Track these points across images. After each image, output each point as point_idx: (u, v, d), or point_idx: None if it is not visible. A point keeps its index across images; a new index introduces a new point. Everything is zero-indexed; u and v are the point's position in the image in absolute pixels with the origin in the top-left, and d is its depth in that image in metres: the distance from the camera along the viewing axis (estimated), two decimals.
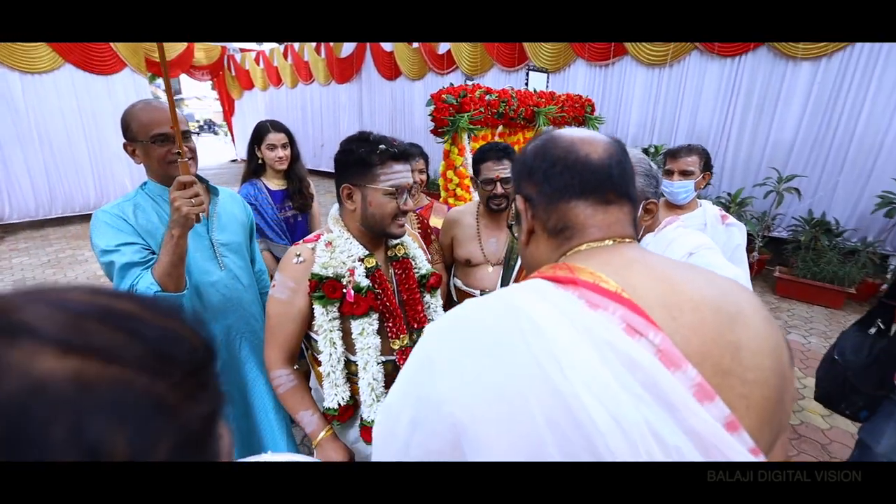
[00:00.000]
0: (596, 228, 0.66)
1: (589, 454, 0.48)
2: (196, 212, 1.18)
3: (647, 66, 5.85)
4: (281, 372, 1.23)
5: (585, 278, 0.59)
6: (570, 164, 0.67)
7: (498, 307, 0.60)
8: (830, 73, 4.65)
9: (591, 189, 0.66)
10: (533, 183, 0.71)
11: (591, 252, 0.65)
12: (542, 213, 0.70)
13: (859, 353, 1.42)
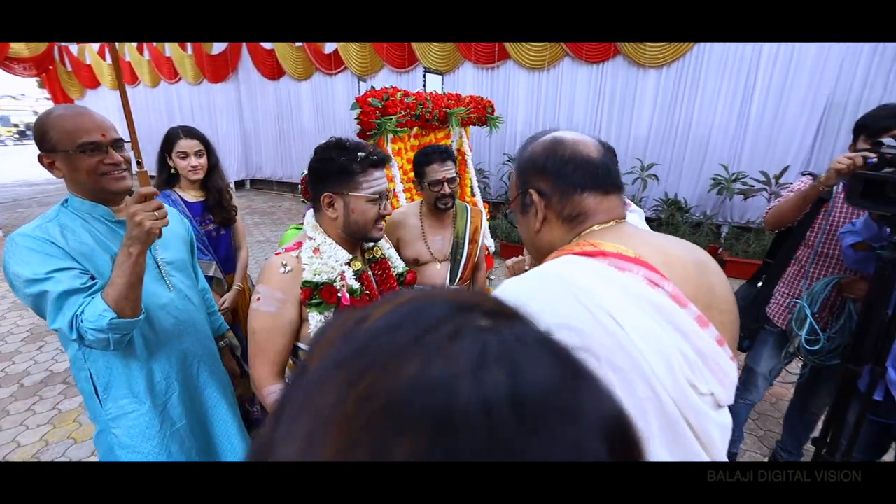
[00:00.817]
0: (603, 213, 0.81)
1: (643, 382, 0.63)
2: (160, 226, 1.09)
3: (529, 69, 6.43)
4: (274, 388, 1.19)
5: (610, 250, 0.74)
6: (579, 162, 0.82)
7: (545, 279, 0.72)
8: (670, 79, 5.64)
9: (597, 182, 0.81)
10: (546, 179, 0.84)
11: (602, 231, 0.80)
12: (557, 203, 0.83)
13: (746, 300, 1.83)
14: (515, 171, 0.91)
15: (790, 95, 5.07)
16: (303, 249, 1.21)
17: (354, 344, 0.23)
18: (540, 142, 0.88)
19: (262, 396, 1.20)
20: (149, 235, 1.07)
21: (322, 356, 0.24)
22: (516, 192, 0.91)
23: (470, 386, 0.19)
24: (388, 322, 0.24)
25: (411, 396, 0.19)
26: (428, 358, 0.21)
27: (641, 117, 5.95)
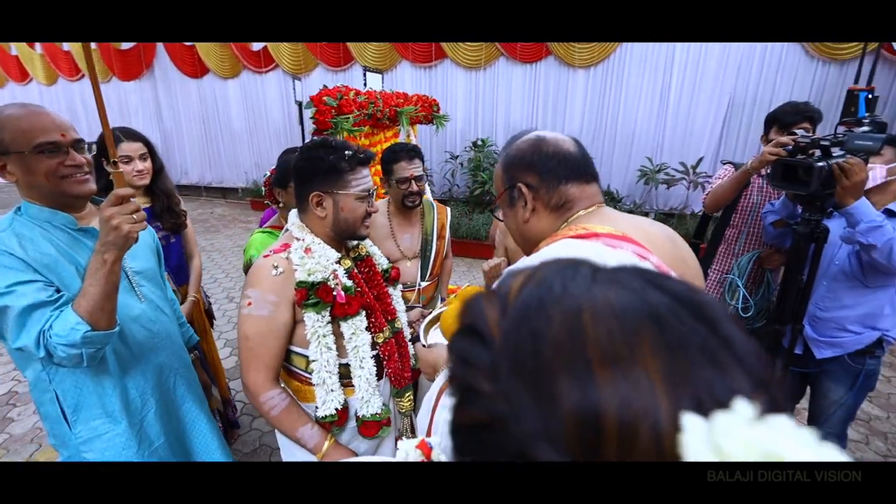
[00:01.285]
0: (586, 200, 0.91)
1: None
2: (138, 230, 1.03)
3: (466, 68, 6.58)
4: (272, 393, 1.17)
5: (600, 230, 0.83)
6: (562, 157, 0.91)
7: None
8: (598, 78, 6.06)
9: (579, 173, 0.91)
10: (533, 173, 0.92)
11: (588, 216, 0.89)
12: (545, 194, 0.91)
13: None
14: (501, 168, 0.98)
15: (699, 94, 5.65)
16: (292, 250, 1.19)
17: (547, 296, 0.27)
18: (524, 140, 0.95)
19: (258, 404, 1.17)
20: (126, 240, 1.01)
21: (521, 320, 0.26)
22: (503, 187, 0.98)
23: (651, 296, 0.24)
24: (554, 277, 0.28)
25: (628, 315, 0.23)
26: (615, 290, 0.25)
27: (573, 114, 6.32)
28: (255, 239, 1.80)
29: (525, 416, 0.23)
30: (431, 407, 1.02)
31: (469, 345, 0.28)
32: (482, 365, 0.26)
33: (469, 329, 0.29)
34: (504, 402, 0.24)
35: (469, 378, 0.26)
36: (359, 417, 1.28)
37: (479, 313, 0.29)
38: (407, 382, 1.42)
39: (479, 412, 0.25)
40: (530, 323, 0.25)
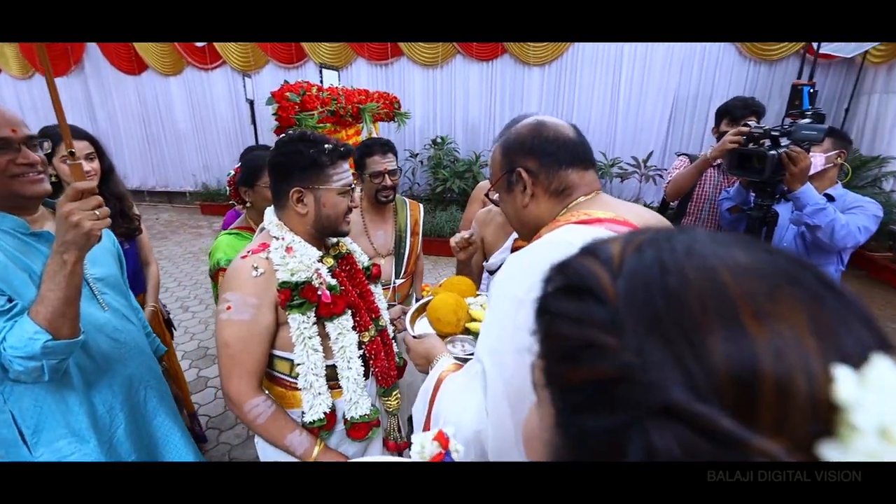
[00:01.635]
0: (585, 186, 0.93)
1: None
2: (102, 227, 0.95)
3: (423, 66, 6.56)
4: (256, 401, 1.11)
5: (602, 216, 0.85)
6: (562, 142, 0.92)
7: (557, 247, 0.81)
8: (552, 76, 6.22)
9: (578, 159, 0.92)
10: (533, 158, 0.92)
11: (588, 202, 0.91)
12: (545, 179, 0.92)
13: None
14: (500, 152, 0.98)
15: (647, 91, 5.94)
16: (271, 250, 1.14)
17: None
18: (523, 125, 0.96)
19: (242, 413, 1.11)
20: (89, 238, 0.93)
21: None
22: (501, 172, 0.98)
23: (777, 257, 0.26)
24: (671, 239, 0.29)
25: (765, 273, 0.24)
26: (739, 251, 0.26)
27: (530, 111, 6.41)
28: (222, 241, 1.71)
29: (662, 368, 0.23)
30: (428, 399, 1.01)
31: (578, 304, 0.28)
32: (600, 322, 0.26)
33: (571, 289, 0.29)
34: (635, 355, 0.24)
35: (587, 335, 0.26)
36: (347, 420, 1.24)
37: (586, 273, 0.29)
38: (393, 381, 1.40)
39: (607, 366, 0.25)
40: (661, 282, 0.25)
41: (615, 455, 0.24)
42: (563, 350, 0.28)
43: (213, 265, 1.68)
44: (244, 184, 1.72)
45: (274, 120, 2.34)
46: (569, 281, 0.30)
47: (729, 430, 0.21)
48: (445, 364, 1.05)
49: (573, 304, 0.28)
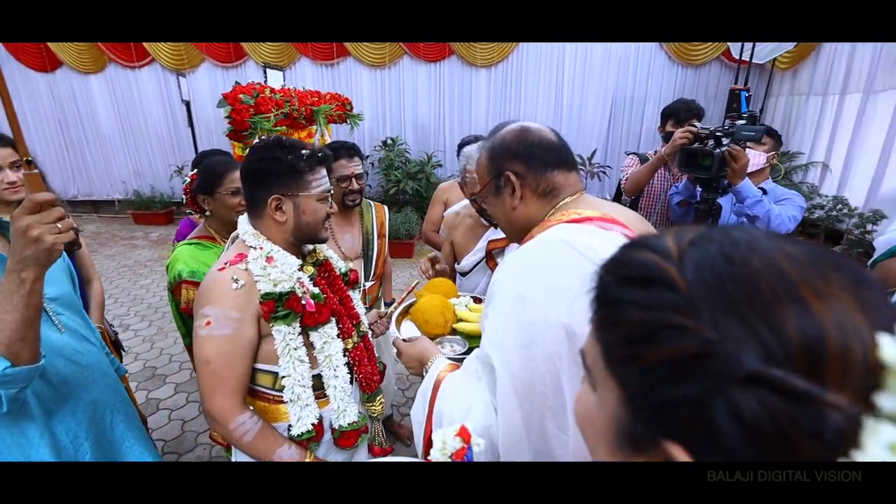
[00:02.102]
0: (570, 187, 0.98)
1: None
2: (64, 241, 0.88)
3: (370, 66, 6.48)
4: (242, 418, 1.07)
5: (591, 215, 0.91)
6: (546, 145, 0.96)
7: (553, 245, 0.85)
8: (499, 77, 6.37)
9: (562, 161, 0.97)
10: (520, 161, 0.96)
11: (574, 202, 0.96)
12: (532, 181, 0.96)
13: None
14: (486, 158, 1.00)
15: (588, 92, 6.25)
16: (249, 261, 1.10)
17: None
18: (508, 130, 0.99)
19: (227, 432, 1.06)
20: (50, 254, 0.85)
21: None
22: (488, 177, 1.01)
23: (815, 247, 0.30)
24: (731, 234, 0.32)
25: (813, 260, 0.29)
26: (786, 244, 0.31)
27: (479, 111, 6.58)
28: (182, 252, 1.61)
29: (741, 342, 0.26)
30: (428, 400, 1.02)
31: (648, 292, 0.31)
32: (675, 306, 0.29)
33: (637, 279, 0.33)
34: (714, 333, 0.27)
35: (664, 318, 0.29)
36: (335, 429, 1.22)
37: (651, 265, 0.32)
38: (377, 386, 1.39)
39: (689, 344, 0.28)
40: (730, 270, 0.29)
41: (699, 419, 0.28)
42: (637, 334, 0.31)
43: (174, 278, 1.58)
44: (203, 191, 1.63)
45: (227, 123, 2.23)
46: (633, 272, 0.33)
47: (805, 388, 0.25)
48: (441, 365, 1.06)
49: (642, 292, 0.32)
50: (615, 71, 6.11)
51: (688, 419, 0.28)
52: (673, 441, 0.29)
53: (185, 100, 5.84)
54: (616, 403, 0.35)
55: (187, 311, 1.58)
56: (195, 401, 2.85)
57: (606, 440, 0.36)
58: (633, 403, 0.33)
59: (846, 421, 0.24)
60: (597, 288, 0.38)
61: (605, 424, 0.36)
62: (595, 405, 0.38)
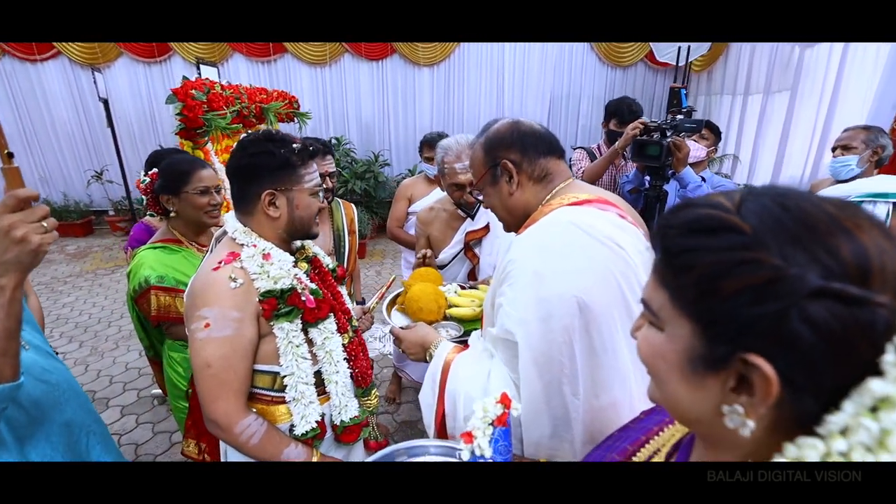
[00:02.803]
0: (562, 173, 1.06)
1: (635, 282, 0.90)
2: (50, 241, 0.81)
3: (310, 64, 6.29)
4: (248, 421, 1.03)
5: (588, 198, 0.99)
6: (537, 135, 1.04)
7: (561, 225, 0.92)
8: (441, 76, 6.45)
9: (552, 149, 1.05)
10: (515, 150, 1.02)
11: (567, 187, 1.04)
12: (528, 167, 1.03)
13: None
14: (482, 151, 1.06)
15: (527, 91, 6.51)
16: (244, 259, 1.06)
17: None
18: (501, 124, 1.06)
19: (233, 437, 1.02)
20: (36, 256, 0.78)
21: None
22: (484, 168, 1.06)
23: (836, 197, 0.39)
24: (777, 189, 0.40)
25: (844, 203, 0.37)
26: (816, 194, 0.39)
27: (423, 110, 6.62)
28: (146, 257, 1.50)
29: (806, 266, 0.34)
30: (438, 382, 1.06)
31: (718, 238, 0.38)
32: (745, 245, 0.36)
33: (705, 229, 0.39)
34: (783, 261, 0.34)
35: (738, 256, 0.36)
36: (336, 425, 1.22)
37: (717, 217, 0.39)
38: (371, 380, 1.40)
39: (764, 272, 0.35)
40: (787, 213, 0.37)
41: (778, 330, 0.34)
42: (715, 272, 0.38)
43: (139, 284, 1.47)
44: (167, 191, 1.53)
45: (178, 121, 2.09)
46: (700, 225, 0.40)
47: (860, 294, 0.33)
48: (447, 347, 1.10)
49: (713, 239, 0.38)
50: (552, 70, 6.43)
51: (769, 331, 0.35)
52: (753, 352, 0.36)
53: (102, 98, 5.33)
54: (689, 336, 0.41)
55: (161, 318, 1.49)
56: (146, 422, 2.65)
57: (679, 369, 0.42)
58: (709, 331, 0.39)
59: (890, 315, 0.32)
60: (662, 244, 0.43)
61: (676, 356, 0.42)
62: (665, 342, 0.44)
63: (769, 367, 0.35)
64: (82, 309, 4.13)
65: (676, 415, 0.48)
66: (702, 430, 0.46)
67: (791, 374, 0.35)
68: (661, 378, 0.45)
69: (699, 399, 0.42)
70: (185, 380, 1.59)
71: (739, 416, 0.38)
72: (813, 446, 0.35)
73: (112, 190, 6.53)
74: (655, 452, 0.61)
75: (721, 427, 0.40)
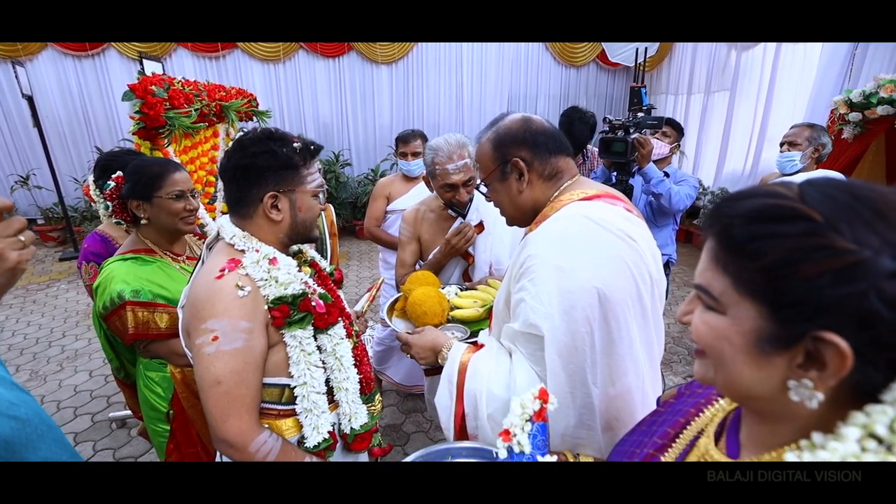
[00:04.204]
0: (570, 170, 1.07)
1: (646, 272, 0.93)
2: (28, 257, 0.73)
3: (262, 60, 6.02)
4: (263, 437, 0.97)
5: (597, 192, 1.01)
6: (548, 133, 1.04)
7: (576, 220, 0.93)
8: (400, 74, 6.39)
9: (562, 147, 1.06)
10: (527, 148, 1.02)
11: (575, 184, 1.05)
12: (538, 166, 1.03)
13: None
14: (491, 147, 1.05)
15: (486, 89, 6.58)
16: (247, 265, 0.99)
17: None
18: (511, 120, 1.05)
19: (248, 455, 0.95)
20: (13, 275, 0.70)
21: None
22: (493, 165, 1.05)
23: None
24: (833, 180, 0.42)
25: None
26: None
27: (382, 108, 6.52)
28: (116, 271, 1.37)
29: (881, 249, 0.36)
30: (455, 383, 1.04)
31: (790, 225, 0.40)
32: (817, 231, 0.38)
33: (774, 217, 0.41)
34: (858, 245, 0.36)
35: (813, 241, 0.38)
36: (347, 434, 1.17)
37: (785, 206, 0.41)
38: (374, 385, 1.36)
39: (842, 256, 0.37)
40: (858, 201, 0.39)
41: (857, 309, 0.36)
42: (790, 258, 0.39)
43: (110, 300, 1.34)
44: (138, 196, 1.40)
45: (136, 120, 1.93)
46: (769, 213, 0.42)
47: None
48: (461, 349, 1.09)
49: (784, 226, 0.40)
50: (509, 69, 6.54)
51: (847, 310, 0.37)
52: (828, 330, 0.37)
53: (26, 94, 4.85)
54: (755, 318, 0.42)
55: (139, 335, 1.36)
56: (106, 448, 2.43)
57: (745, 350, 0.44)
58: (781, 313, 0.40)
59: None
60: (725, 233, 0.45)
61: (742, 338, 0.44)
62: (729, 325, 0.45)
63: (845, 344, 0.36)
64: (15, 329, 3.73)
65: (735, 393, 0.49)
66: (761, 405, 0.47)
67: (863, 349, 0.37)
68: (723, 359, 0.46)
69: (764, 377, 0.43)
70: (166, 401, 1.47)
71: (808, 389, 0.39)
72: (882, 412, 0.37)
73: (41, 196, 5.93)
74: (700, 433, 0.62)
75: (783, 401, 0.42)
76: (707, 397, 0.66)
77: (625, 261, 0.90)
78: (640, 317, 0.92)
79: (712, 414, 0.63)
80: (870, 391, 0.38)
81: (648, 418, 0.75)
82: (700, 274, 0.48)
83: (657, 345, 0.99)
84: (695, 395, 0.71)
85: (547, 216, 1.00)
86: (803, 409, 0.40)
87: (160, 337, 1.39)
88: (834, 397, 0.40)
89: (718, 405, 0.63)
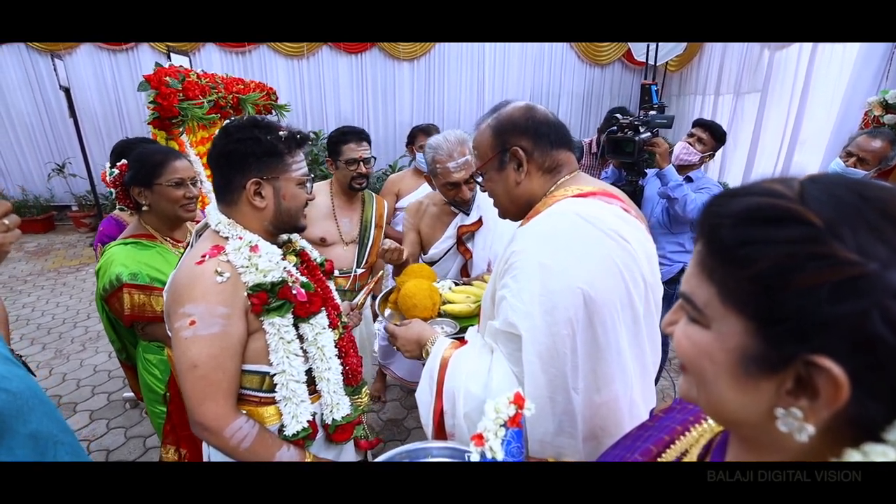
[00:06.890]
0: (569, 165, 1.02)
1: (638, 275, 0.89)
2: (13, 240, 0.75)
3: (287, 56, 6.13)
4: (239, 422, 0.98)
5: (593, 190, 0.97)
6: (551, 124, 1.00)
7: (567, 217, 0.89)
8: (422, 71, 6.39)
9: (564, 140, 1.01)
10: (528, 138, 0.98)
11: (572, 179, 1.01)
12: (539, 157, 0.99)
13: None
14: (491, 133, 1.00)
15: (508, 86, 6.53)
16: (229, 252, 1.00)
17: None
18: (514, 107, 1.01)
19: (223, 441, 0.96)
20: None
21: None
22: (492, 152, 1.01)
23: None
24: (832, 177, 0.38)
25: None
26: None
27: (403, 104, 6.55)
28: (117, 254, 1.41)
29: (887, 262, 0.31)
30: (435, 379, 1.02)
31: (785, 229, 0.34)
32: (815, 238, 0.33)
33: (769, 219, 0.35)
34: (861, 256, 0.31)
35: (809, 249, 0.33)
36: (328, 424, 1.17)
37: (780, 206, 0.35)
38: (361, 377, 1.36)
39: (840, 268, 0.31)
40: (866, 204, 0.33)
41: (857, 330, 0.31)
42: (781, 267, 0.34)
43: (109, 282, 1.38)
44: (139, 183, 1.44)
45: (151, 109, 1.98)
46: (761, 214, 0.36)
47: None
48: (444, 344, 1.07)
49: (778, 230, 0.35)
50: (532, 67, 6.46)
51: (844, 332, 0.31)
52: (821, 354, 0.32)
53: (63, 86, 5.05)
54: (741, 334, 0.37)
55: (135, 318, 1.40)
56: (118, 427, 2.52)
57: (728, 370, 0.39)
58: (770, 330, 0.35)
59: None
60: (712, 235, 0.39)
61: (726, 356, 0.38)
62: (712, 340, 0.40)
63: (840, 371, 0.31)
64: (45, 309, 3.92)
65: (718, 416, 0.45)
66: (746, 432, 0.42)
67: (861, 377, 0.31)
68: (705, 379, 0.41)
69: (749, 402, 0.38)
70: (163, 383, 1.51)
71: (797, 420, 0.35)
72: (883, 454, 0.32)
73: (75, 184, 6.21)
74: (684, 453, 0.57)
75: (770, 430, 0.37)
76: (696, 414, 0.61)
77: (615, 262, 0.85)
78: (631, 322, 0.88)
79: (699, 434, 0.58)
80: (871, 427, 0.33)
81: (634, 432, 0.70)
82: (685, 280, 0.43)
83: (651, 353, 0.94)
84: (685, 412, 0.65)
85: (539, 211, 0.97)
86: (793, 442, 0.35)
87: (156, 320, 1.43)
88: (828, 431, 0.35)
89: (706, 425, 0.59)
